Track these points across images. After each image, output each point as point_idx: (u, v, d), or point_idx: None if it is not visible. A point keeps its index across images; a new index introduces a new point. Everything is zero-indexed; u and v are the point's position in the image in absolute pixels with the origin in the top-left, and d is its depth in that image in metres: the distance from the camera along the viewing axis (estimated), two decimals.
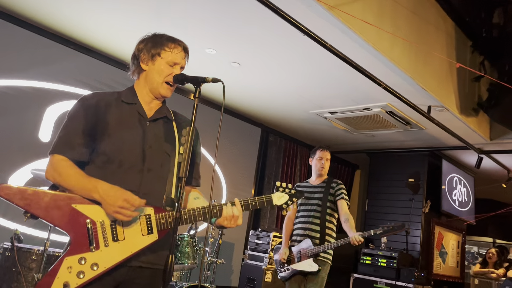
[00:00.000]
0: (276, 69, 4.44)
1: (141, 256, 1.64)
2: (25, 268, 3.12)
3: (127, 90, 1.83)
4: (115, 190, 1.59)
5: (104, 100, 1.75)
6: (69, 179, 1.62)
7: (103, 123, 1.70)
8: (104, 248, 1.58)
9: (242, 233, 5.96)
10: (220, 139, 1.70)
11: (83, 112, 1.71)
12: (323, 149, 3.91)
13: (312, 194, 3.86)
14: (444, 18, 4.83)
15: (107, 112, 1.73)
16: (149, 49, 1.80)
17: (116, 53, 4.59)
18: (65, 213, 1.59)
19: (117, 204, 1.56)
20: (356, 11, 3.43)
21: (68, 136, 1.69)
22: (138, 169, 1.70)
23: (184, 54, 1.83)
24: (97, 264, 1.55)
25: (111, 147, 1.69)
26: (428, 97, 4.53)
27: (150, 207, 1.67)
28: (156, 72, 1.78)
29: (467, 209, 7.27)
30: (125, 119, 1.74)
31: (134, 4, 3.55)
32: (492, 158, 6.24)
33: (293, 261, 3.65)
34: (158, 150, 1.76)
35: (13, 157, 3.99)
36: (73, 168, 1.65)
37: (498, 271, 6.41)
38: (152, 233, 1.64)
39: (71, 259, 1.54)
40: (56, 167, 1.66)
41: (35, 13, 3.92)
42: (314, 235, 3.67)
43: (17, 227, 3.55)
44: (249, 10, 3.38)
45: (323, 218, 3.72)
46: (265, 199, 1.85)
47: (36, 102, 4.15)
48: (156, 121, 1.81)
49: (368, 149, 6.99)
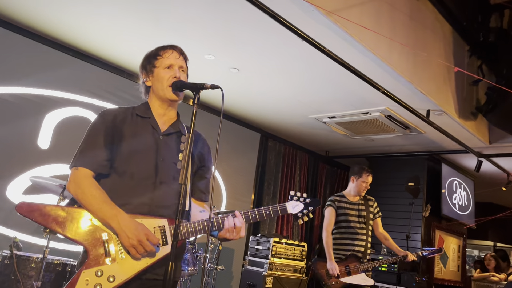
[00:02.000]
0: (275, 74, 4.45)
1: (155, 268, 1.66)
2: (24, 276, 3.11)
3: (141, 105, 1.89)
4: (136, 224, 1.62)
5: (120, 115, 1.81)
6: (92, 201, 1.65)
7: (119, 137, 1.76)
8: (120, 260, 1.61)
9: (242, 239, 5.94)
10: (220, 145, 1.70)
11: (103, 127, 1.77)
12: (369, 174, 4.10)
13: (353, 211, 4.05)
14: (441, 22, 4.85)
15: (123, 126, 1.78)
16: (145, 66, 1.87)
17: (116, 59, 4.60)
18: (82, 227, 1.64)
19: (137, 238, 1.58)
20: (354, 16, 3.44)
21: (91, 150, 1.73)
22: (151, 181, 1.73)
23: (177, 55, 1.86)
24: (114, 276, 1.58)
25: (124, 159, 1.73)
26: (427, 101, 4.54)
27: (164, 218, 1.69)
28: (157, 81, 1.83)
29: (468, 213, 7.26)
30: (139, 132, 1.79)
31: (132, 11, 3.56)
32: (491, 162, 6.24)
33: (343, 275, 3.82)
34: (170, 163, 1.78)
35: (12, 164, 3.98)
36: (98, 189, 1.68)
37: (500, 275, 6.39)
38: (167, 244, 1.66)
39: (88, 272, 1.57)
40: (80, 184, 1.68)
41: (33, 20, 3.93)
42: (360, 250, 3.93)
43: (16, 235, 3.54)
44: (247, 16, 3.39)
45: (366, 236, 4.00)
46: (279, 208, 1.84)
47: (35, 109, 4.15)
48: (170, 135, 1.84)
49: (367, 153, 6.99)
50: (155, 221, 1.67)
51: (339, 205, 4.07)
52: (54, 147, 4.21)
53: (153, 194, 1.71)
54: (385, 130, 5.64)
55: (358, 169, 4.12)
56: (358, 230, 3.97)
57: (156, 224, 1.66)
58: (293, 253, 5.15)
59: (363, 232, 3.98)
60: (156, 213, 1.70)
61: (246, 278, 5.13)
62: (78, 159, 1.73)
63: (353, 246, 3.93)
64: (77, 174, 1.70)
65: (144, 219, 1.66)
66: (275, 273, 4.85)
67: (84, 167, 1.71)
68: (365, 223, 4.02)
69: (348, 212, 4.02)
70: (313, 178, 7.09)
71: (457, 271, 7.05)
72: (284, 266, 4.99)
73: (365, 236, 3.98)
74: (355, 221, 4.00)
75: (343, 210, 4.04)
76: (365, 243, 3.97)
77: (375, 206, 4.16)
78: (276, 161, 6.49)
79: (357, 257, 3.90)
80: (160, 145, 1.79)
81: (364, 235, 3.98)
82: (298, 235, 6.56)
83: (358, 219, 4.01)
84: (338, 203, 4.08)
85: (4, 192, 3.89)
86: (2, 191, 3.88)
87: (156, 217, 1.68)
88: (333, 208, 4.05)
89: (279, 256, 5.02)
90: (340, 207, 4.06)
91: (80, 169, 1.71)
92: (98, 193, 1.66)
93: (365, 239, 3.98)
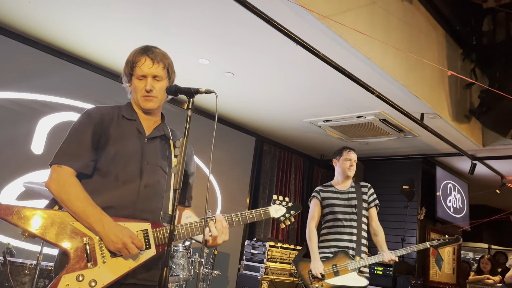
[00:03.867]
0: (269, 78, 4.46)
1: (136, 273, 1.64)
2: (18, 283, 3.08)
3: (126, 106, 1.85)
4: (120, 228, 1.60)
5: (107, 115, 1.78)
6: (76, 202, 1.60)
7: (106, 138, 1.72)
8: (102, 265, 1.58)
9: (238, 243, 5.93)
10: (214, 149, 1.69)
11: (90, 126, 1.72)
12: (350, 150, 3.64)
13: (341, 200, 3.51)
14: (434, 26, 4.89)
15: (109, 127, 1.74)
16: (125, 71, 1.84)
17: (109, 64, 4.59)
18: (63, 231, 1.58)
19: (121, 242, 1.56)
20: (348, 20, 3.46)
21: (77, 149, 1.68)
22: (135, 185, 1.70)
23: (150, 63, 1.77)
24: (95, 281, 1.55)
25: (109, 161, 1.70)
26: (421, 104, 4.57)
27: (147, 222, 1.67)
28: (133, 91, 1.82)
29: (462, 216, 7.30)
30: (125, 135, 1.76)
31: (127, 16, 3.56)
32: (485, 164, 6.28)
33: (330, 275, 3.30)
34: (155, 167, 1.77)
35: (5, 170, 3.95)
36: (82, 191, 1.62)
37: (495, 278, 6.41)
38: (150, 248, 1.64)
39: (69, 277, 1.54)
40: (64, 183, 1.63)
41: (27, 25, 3.91)
42: (350, 246, 3.37)
43: (10, 241, 3.51)
44: (242, 20, 3.40)
45: (358, 229, 3.41)
46: (262, 212, 1.86)
47: (28, 114, 4.12)
48: (154, 139, 1.82)
49: (362, 156, 7.00)
50: (138, 224, 1.65)
51: (325, 195, 3.55)
52: (47, 153, 4.18)
53: (137, 197, 1.69)
54: (379, 134, 5.66)
55: (337, 150, 3.71)
56: (346, 222, 3.40)
57: (139, 228, 1.64)
58: (289, 257, 5.15)
59: (352, 225, 3.40)
60: (139, 217, 1.67)
61: (242, 283, 5.11)
62: (62, 157, 1.67)
63: (341, 241, 3.38)
64: (60, 172, 1.64)
65: (127, 223, 1.64)
66: (270, 278, 4.84)
67: (68, 166, 1.65)
68: (357, 213, 3.43)
69: (334, 202, 3.49)
70: (308, 181, 7.10)
71: (452, 273, 7.07)
72: (279, 270, 4.98)
73: (357, 230, 3.40)
74: (343, 212, 3.44)
75: (329, 201, 3.52)
76: (357, 237, 3.38)
77: (370, 194, 3.56)
78: (271, 165, 6.49)
79: (347, 254, 3.34)
80: (145, 149, 1.77)
81: (355, 228, 3.39)
82: (293, 239, 6.55)
83: (347, 210, 3.45)
84: (323, 193, 3.57)
85: None
86: None
87: (139, 221, 1.66)
88: (317, 200, 3.55)
89: (275, 260, 5.01)
90: (326, 198, 3.54)
91: (63, 167, 1.64)
92: (82, 195, 1.61)
93: (357, 233, 3.39)
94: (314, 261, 3.33)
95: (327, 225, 3.48)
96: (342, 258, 3.33)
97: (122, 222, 1.63)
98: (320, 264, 3.30)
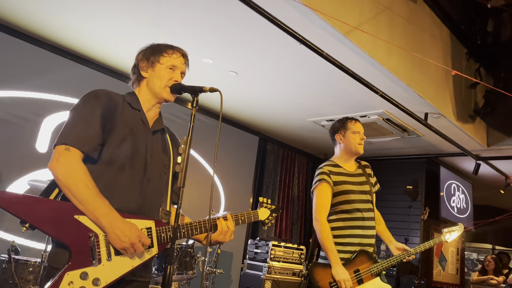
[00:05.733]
0: (273, 77, 4.46)
1: (135, 270, 1.61)
2: (23, 280, 3.09)
3: (130, 95, 1.79)
4: (129, 226, 1.54)
5: (114, 100, 1.71)
6: (85, 191, 1.50)
7: (112, 122, 1.64)
8: (106, 262, 1.53)
9: (241, 242, 5.93)
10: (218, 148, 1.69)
11: (98, 106, 1.63)
12: (356, 120, 2.88)
13: (355, 185, 2.76)
14: (439, 26, 4.87)
15: (115, 111, 1.68)
16: (148, 56, 1.80)
17: (113, 63, 4.60)
18: (66, 224, 1.49)
19: (130, 241, 1.52)
20: (352, 20, 3.45)
21: (86, 129, 1.57)
22: (139, 177, 1.67)
23: (183, 60, 1.83)
24: (99, 279, 1.50)
25: (114, 148, 1.63)
26: (425, 104, 4.55)
27: (151, 220, 1.65)
28: (156, 77, 1.77)
29: (466, 216, 7.27)
30: (131, 124, 1.71)
31: (131, 15, 3.57)
32: (489, 165, 6.25)
33: (354, 284, 2.56)
34: (158, 161, 1.76)
35: (10, 168, 3.97)
36: (91, 180, 1.53)
37: (498, 278, 6.39)
38: (153, 246, 1.63)
39: (72, 274, 1.46)
40: (74, 169, 1.51)
41: (32, 23, 3.93)
42: (370, 243, 2.70)
43: (14, 239, 3.53)
44: (246, 20, 3.40)
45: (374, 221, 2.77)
46: (253, 215, 1.93)
47: (33, 112, 4.14)
48: (156, 132, 1.81)
49: (365, 156, 6.92)
50: (143, 222, 1.62)
51: (336, 179, 2.74)
52: (52, 151, 4.20)
53: (141, 191, 1.66)
54: (383, 133, 5.64)
55: (338, 122, 2.91)
56: (366, 214, 2.70)
57: (143, 226, 1.62)
58: (292, 256, 5.15)
59: (371, 216, 2.72)
60: (143, 213, 1.65)
61: (245, 282, 5.12)
62: (69, 137, 1.54)
63: (362, 238, 2.66)
64: (68, 156, 1.52)
65: (133, 220, 1.59)
66: (274, 277, 4.84)
67: (76, 148, 1.53)
68: (372, 202, 2.78)
69: (349, 188, 2.72)
70: (312, 181, 7.07)
71: (456, 274, 7.04)
72: (283, 270, 4.98)
73: (374, 222, 2.75)
74: (361, 201, 2.72)
75: (343, 186, 2.72)
76: (375, 232, 2.76)
77: (373, 175, 2.98)
78: (275, 164, 6.49)
79: (368, 255, 2.64)
80: (149, 141, 1.74)
81: (373, 220, 2.73)
82: (296, 239, 6.55)
83: (363, 197, 2.73)
84: (334, 176, 2.74)
85: None
86: None
87: (143, 218, 1.63)
88: (328, 184, 2.71)
89: (278, 259, 5.01)
90: (338, 182, 2.73)
91: (72, 149, 1.52)
92: (91, 184, 1.52)
93: (374, 226, 2.75)
94: (338, 269, 2.54)
95: (341, 217, 2.69)
96: (363, 260, 2.63)
97: (128, 218, 1.59)
98: (346, 272, 2.53)
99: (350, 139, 2.81)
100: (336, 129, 2.90)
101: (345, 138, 2.83)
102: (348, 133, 2.83)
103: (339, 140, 2.88)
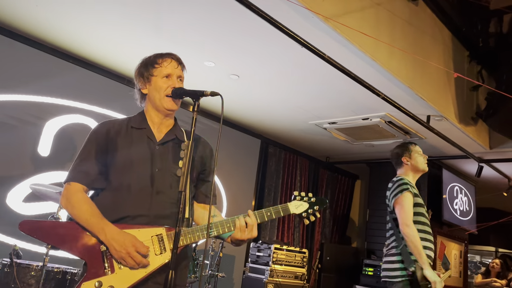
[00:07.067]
0: (274, 80, 4.46)
1: (156, 276, 1.64)
2: (24, 284, 3.09)
3: (137, 116, 1.87)
4: (124, 236, 1.61)
5: (114, 128, 1.80)
6: (80, 215, 1.67)
7: (113, 151, 1.75)
8: (119, 271, 1.61)
9: (243, 246, 5.92)
10: (220, 151, 1.69)
11: (95, 141, 1.78)
12: (415, 144, 3.27)
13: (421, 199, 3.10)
14: (440, 28, 4.87)
15: (117, 138, 1.77)
16: (142, 73, 1.84)
17: (115, 66, 4.61)
18: (80, 241, 1.66)
19: (125, 251, 1.59)
20: (353, 22, 3.45)
21: (83, 164, 1.75)
22: (147, 192, 1.71)
23: (176, 64, 1.84)
24: (113, 287, 1.58)
25: (119, 172, 1.73)
26: (427, 106, 4.54)
27: (162, 227, 1.68)
28: (154, 90, 1.80)
29: (469, 218, 7.24)
30: (133, 144, 1.77)
31: (133, 18, 3.58)
32: (492, 167, 6.23)
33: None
34: (166, 172, 1.76)
35: (12, 171, 3.97)
36: (86, 203, 1.70)
37: (501, 281, 6.35)
38: (166, 252, 1.65)
39: (87, 284, 1.58)
40: (71, 199, 1.71)
41: (34, 27, 3.95)
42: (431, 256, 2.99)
43: (16, 243, 3.52)
44: (247, 23, 3.40)
45: None
46: (281, 208, 1.78)
47: (35, 116, 4.15)
48: (165, 143, 1.82)
49: (368, 159, 6.97)
50: (153, 230, 1.66)
51: (414, 191, 3.03)
52: (54, 155, 4.21)
53: (150, 204, 1.70)
54: (385, 136, 5.63)
55: (400, 148, 3.25)
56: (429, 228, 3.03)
57: (154, 233, 1.66)
58: (294, 259, 5.13)
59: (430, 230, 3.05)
60: (155, 223, 1.68)
61: (247, 285, 5.11)
62: (70, 174, 1.75)
63: (430, 250, 2.96)
64: (69, 189, 1.73)
65: (142, 229, 1.66)
66: (276, 280, 4.83)
67: (76, 182, 1.73)
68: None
69: (422, 202, 3.04)
70: (314, 184, 7.08)
71: (459, 277, 7.01)
72: (285, 273, 4.97)
73: None
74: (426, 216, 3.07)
75: (417, 199, 3.01)
76: None
77: None
78: (277, 167, 6.48)
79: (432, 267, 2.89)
80: (155, 155, 1.77)
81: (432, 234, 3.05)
82: (299, 242, 6.54)
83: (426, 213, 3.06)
84: (412, 188, 3.01)
85: (4, 199, 3.88)
86: (2, 199, 3.87)
87: (154, 226, 1.67)
88: (411, 194, 2.96)
89: (280, 262, 5.00)
90: (416, 195, 3.02)
91: (72, 184, 1.73)
92: (85, 207, 1.68)
93: None
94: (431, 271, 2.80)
95: (418, 228, 2.92)
96: None
97: (137, 229, 1.65)
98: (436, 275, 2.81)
99: (417, 159, 3.17)
100: (401, 152, 3.24)
101: (412, 159, 3.19)
102: (413, 155, 3.19)
103: (405, 161, 3.21)
